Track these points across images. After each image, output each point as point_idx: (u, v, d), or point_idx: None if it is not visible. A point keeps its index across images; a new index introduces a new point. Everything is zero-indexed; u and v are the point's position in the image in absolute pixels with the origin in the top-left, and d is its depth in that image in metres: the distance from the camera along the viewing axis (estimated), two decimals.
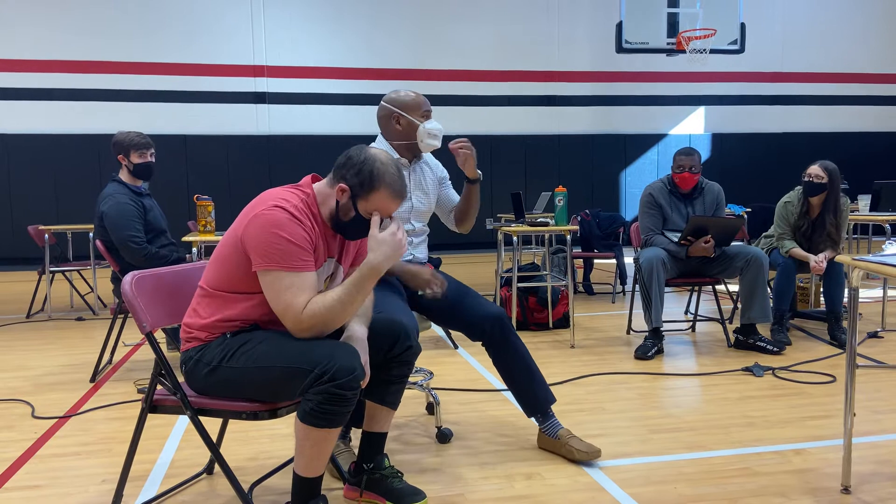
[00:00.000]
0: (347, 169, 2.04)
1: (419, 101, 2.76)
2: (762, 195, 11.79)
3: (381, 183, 2.02)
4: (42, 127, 10.61)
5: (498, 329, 2.67)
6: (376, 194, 2.03)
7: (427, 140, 2.75)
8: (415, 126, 2.73)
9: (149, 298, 2.11)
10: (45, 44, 10.57)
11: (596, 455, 2.62)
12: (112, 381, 3.98)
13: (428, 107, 2.78)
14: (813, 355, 4.25)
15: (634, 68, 12.36)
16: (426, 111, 2.76)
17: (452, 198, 2.99)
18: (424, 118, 2.75)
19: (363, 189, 2.02)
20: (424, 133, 2.74)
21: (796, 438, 2.88)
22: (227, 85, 11.19)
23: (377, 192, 2.03)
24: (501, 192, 11.78)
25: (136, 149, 4.14)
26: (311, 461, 2.00)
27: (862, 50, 13.14)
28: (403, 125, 2.74)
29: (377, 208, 2.04)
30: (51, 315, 6.20)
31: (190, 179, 10.96)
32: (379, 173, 2.02)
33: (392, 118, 2.75)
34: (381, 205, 2.04)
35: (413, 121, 2.73)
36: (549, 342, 4.79)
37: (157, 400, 2.12)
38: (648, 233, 4.49)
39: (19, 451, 2.89)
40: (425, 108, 2.76)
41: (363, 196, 2.03)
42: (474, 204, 2.90)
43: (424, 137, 2.74)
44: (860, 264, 2.24)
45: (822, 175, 4.45)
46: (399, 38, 11.68)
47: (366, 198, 2.03)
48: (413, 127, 2.74)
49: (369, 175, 2.02)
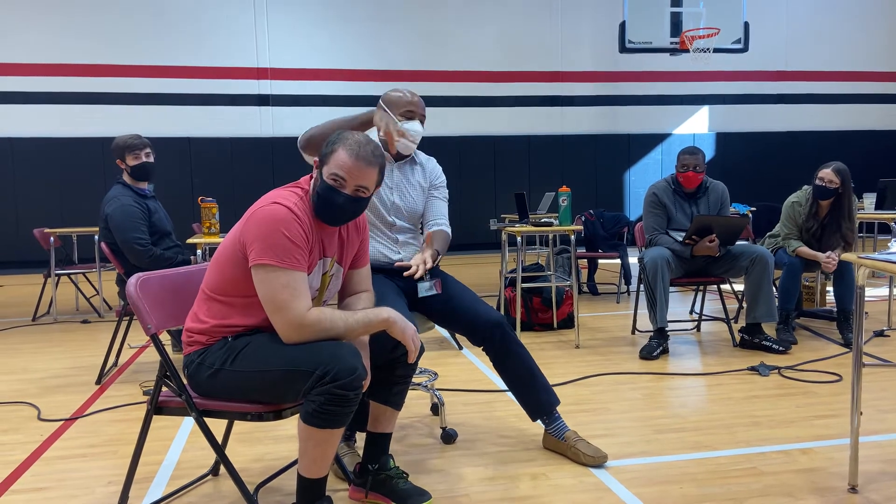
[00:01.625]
0: (322, 147, 2.10)
1: (404, 101, 2.69)
2: (766, 194, 11.76)
3: (340, 144, 2.05)
4: (47, 130, 10.64)
5: (498, 335, 2.65)
6: (334, 155, 2.04)
7: (399, 139, 2.68)
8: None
9: (154, 300, 2.12)
10: (49, 48, 10.60)
11: (603, 460, 2.61)
12: (118, 384, 3.99)
13: (412, 107, 2.69)
14: (819, 354, 4.23)
15: (638, 68, 12.34)
16: (407, 111, 2.68)
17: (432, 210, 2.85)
18: (403, 117, 2.68)
19: (327, 156, 2.06)
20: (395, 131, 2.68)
21: (802, 438, 2.87)
22: (231, 87, 11.22)
23: (335, 153, 2.05)
24: (505, 193, 11.78)
25: (129, 150, 4.15)
26: (315, 462, 2.00)
27: (866, 48, 13.10)
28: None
29: (338, 167, 2.02)
30: (56, 318, 6.22)
31: (194, 181, 10.98)
32: (342, 140, 2.07)
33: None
34: (340, 163, 2.03)
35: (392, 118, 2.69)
36: (553, 342, 4.79)
37: (162, 401, 2.12)
38: (653, 232, 4.48)
39: (25, 453, 2.90)
40: (408, 108, 2.68)
41: (326, 161, 2.06)
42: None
43: (396, 136, 2.69)
44: (866, 262, 2.23)
45: (836, 180, 4.43)
46: (402, 39, 11.68)
47: (327, 161, 2.05)
48: None
49: (332, 142, 2.07)
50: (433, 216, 2.85)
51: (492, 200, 11.88)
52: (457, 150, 11.71)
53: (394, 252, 2.76)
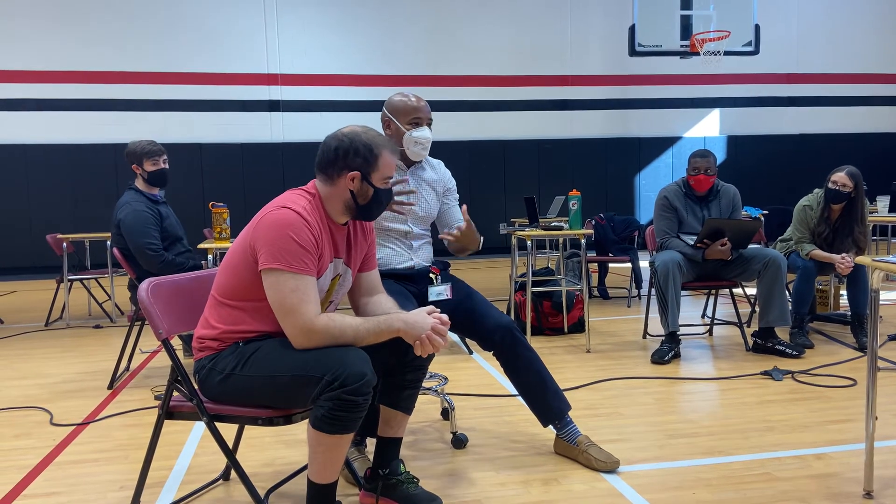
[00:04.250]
0: (344, 158, 2.08)
1: (409, 108, 2.71)
2: (778, 197, 11.68)
3: (380, 148, 2.10)
4: (59, 137, 10.73)
5: (509, 340, 2.65)
6: (381, 160, 2.10)
7: (412, 148, 2.72)
8: (401, 133, 2.72)
9: (165, 305, 2.12)
10: (61, 55, 10.69)
11: (615, 465, 2.59)
12: (129, 388, 4.00)
13: (419, 114, 2.71)
14: (833, 359, 4.19)
15: (648, 71, 12.30)
16: (415, 118, 2.71)
17: (454, 216, 2.89)
18: (412, 126, 2.71)
19: (370, 164, 2.08)
20: (410, 141, 2.71)
21: (817, 443, 2.84)
22: (242, 93, 11.27)
23: (381, 157, 2.10)
24: (515, 197, 11.76)
25: (148, 157, 4.18)
26: (325, 467, 1.99)
27: (878, 50, 13.00)
28: (393, 130, 2.74)
29: (387, 172, 2.12)
30: (69, 323, 6.26)
31: (205, 187, 11.03)
32: (373, 142, 2.10)
33: (384, 122, 2.76)
34: (390, 164, 2.12)
35: (400, 127, 2.72)
36: (564, 347, 4.77)
37: (173, 406, 2.12)
38: (664, 236, 4.45)
39: (38, 458, 2.91)
40: (415, 115, 2.70)
41: (373, 170, 2.09)
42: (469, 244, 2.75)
43: (410, 145, 2.72)
44: (881, 265, 2.21)
45: (849, 184, 4.39)
46: (412, 44, 11.71)
47: (375, 169, 2.09)
48: (400, 134, 2.72)
49: (366, 148, 2.08)
50: (452, 222, 2.89)
51: (502, 204, 11.86)
52: (467, 154, 11.71)
53: (407, 259, 2.76)
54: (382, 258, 2.70)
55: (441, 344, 2.03)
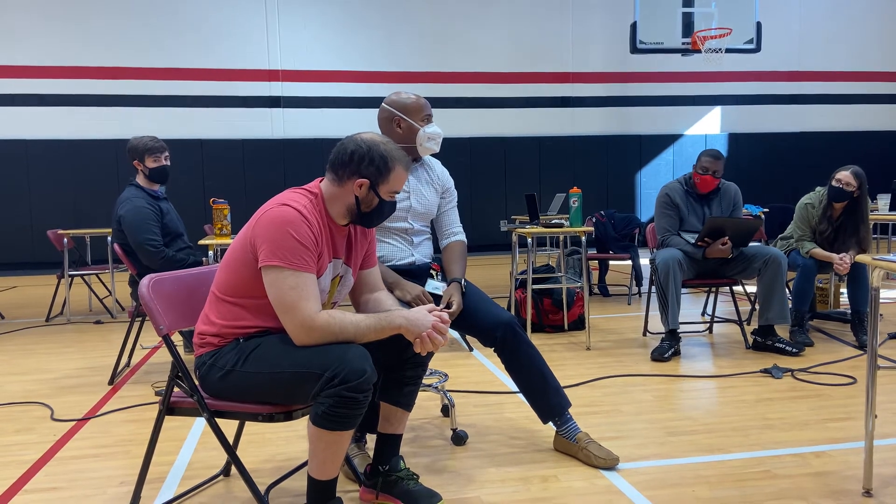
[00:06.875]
0: (357, 164, 2.07)
1: (420, 105, 2.75)
2: (779, 195, 11.68)
3: (395, 163, 2.10)
4: (61, 133, 10.73)
5: (510, 336, 2.65)
6: (393, 174, 2.10)
7: (426, 144, 2.75)
8: (415, 130, 2.73)
9: (166, 301, 2.13)
10: (63, 51, 10.69)
11: (614, 462, 2.60)
12: (130, 384, 4.01)
13: (429, 110, 2.77)
14: (832, 357, 4.20)
15: (649, 69, 12.29)
16: (427, 115, 2.75)
17: (450, 219, 2.92)
18: (425, 122, 2.74)
19: (381, 175, 2.09)
20: (424, 137, 2.73)
21: (816, 441, 2.84)
22: (243, 89, 11.27)
23: (394, 172, 2.10)
24: (516, 194, 11.76)
25: (150, 153, 4.18)
26: (325, 464, 2.00)
27: (879, 48, 12.98)
28: (404, 128, 2.74)
29: (396, 186, 2.12)
30: (70, 318, 6.26)
31: (206, 183, 11.03)
32: (390, 155, 2.09)
33: (393, 121, 2.75)
34: (401, 178, 2.13)
35: (413, 124, 2.73)
36: (564, 344, 4.77)
37: (174, 402, 2.13)
38: (665, 234, 4.45)
39: (39, 453, 2.92)
40: (426, 111, 2.75)
41: (383, 181, 2.09)
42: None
43: (424, 141, 2.74)
44: (881, 264, 2.21)
45: (853, 183, 4.39)
46: (413, 41, 11.70)
47: (386, 181, 2.10)
48: (413, 131, 2.73)
49: (382, 160, 2.08)
50: (448, 226, 2.92)
51: (502, 202, 11.86)
52: (467, 151, 11.71)
53: (408, 255, 2.77)
54: (383, 254, 2.71)
55: (441, 342, 2.04)
